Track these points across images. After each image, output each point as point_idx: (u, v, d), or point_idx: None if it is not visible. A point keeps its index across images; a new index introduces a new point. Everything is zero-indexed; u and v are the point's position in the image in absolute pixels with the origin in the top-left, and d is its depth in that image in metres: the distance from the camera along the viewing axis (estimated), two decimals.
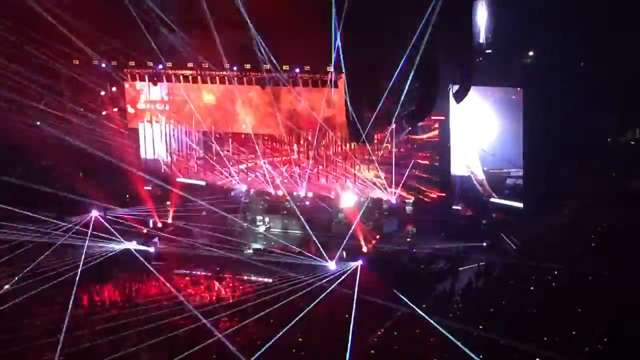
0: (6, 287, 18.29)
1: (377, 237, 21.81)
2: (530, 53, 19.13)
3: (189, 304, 17.52)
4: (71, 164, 22.54)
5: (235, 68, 21.95)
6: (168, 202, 23.65)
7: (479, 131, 21.69)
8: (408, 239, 21.81)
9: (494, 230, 21.10)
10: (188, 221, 22.67)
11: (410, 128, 21.85)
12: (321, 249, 19.91)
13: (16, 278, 18.43)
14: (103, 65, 22.75)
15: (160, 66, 22.64)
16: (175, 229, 22.76)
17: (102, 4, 20.16)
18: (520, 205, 21.15)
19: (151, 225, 22.88)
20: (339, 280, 17.71)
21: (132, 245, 20.82)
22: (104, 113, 24.08)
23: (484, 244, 20.61)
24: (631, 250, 16.42)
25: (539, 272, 17.28)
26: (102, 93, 24.00)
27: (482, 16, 20.17)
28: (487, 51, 20.66)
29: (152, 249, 21.47)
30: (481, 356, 13.42)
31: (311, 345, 15.01)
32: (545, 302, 15.80)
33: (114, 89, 24.01)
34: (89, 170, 22.92)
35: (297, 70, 21.48)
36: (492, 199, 21.84)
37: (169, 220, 23.26)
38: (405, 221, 22.45)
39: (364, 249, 20.96)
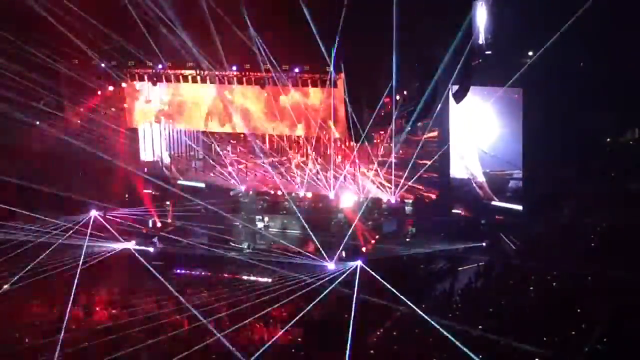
0: (5, 287, 18.30)
1: (377, 237, 21.81)
2: (530, 53, 19.11)
3: (188, 304, 17.51)
4: (71, 164, 22.53)
5: (235, 68, 21.94)
6: (167, 202, 23.65)
7: (479, 131, 21.67)
8: (408, 239, 21.81)
9: (493, 230, 21.09)
10: (188, 221, 22.67)
11: (410, 128, 21.82)
12: (321, 249, 19.90)
13: (16, 278, 18.45)
14: (103, 65, 22.75)
15: (160, 66, 22.62)
16: (175, 229, 22.76)
17: (102, 3, 20.14)
18: (521, 208, 21.14)
19: (151, 225, 22.88)
20: (338, 280, 17.72)
21: (132, 245, 20.83)
22: (103, 113, 24.05)
23: (484, 244, 20.60)
24: (631, 250, 16.43)
25: (538, 272, 17.28)
26: (102, 93, 23.98)
27: (481, 16, 20.12)
28: (487, 52, 20.65)
29: (151, 249, 21.47)
30: (481, 356, 13.42)
31: (311, 345, 15.01)
32: (545, 302, 15.81)
33: (111, 88, 23.96)
34: (89, 170, 22.89)
35: (297, 70, 21.46)
36: (492, 202, 21.81)
37: (169, 220, 23.26)
38: (404, 221, 22.46)
39: (364, 249, 20.94)
